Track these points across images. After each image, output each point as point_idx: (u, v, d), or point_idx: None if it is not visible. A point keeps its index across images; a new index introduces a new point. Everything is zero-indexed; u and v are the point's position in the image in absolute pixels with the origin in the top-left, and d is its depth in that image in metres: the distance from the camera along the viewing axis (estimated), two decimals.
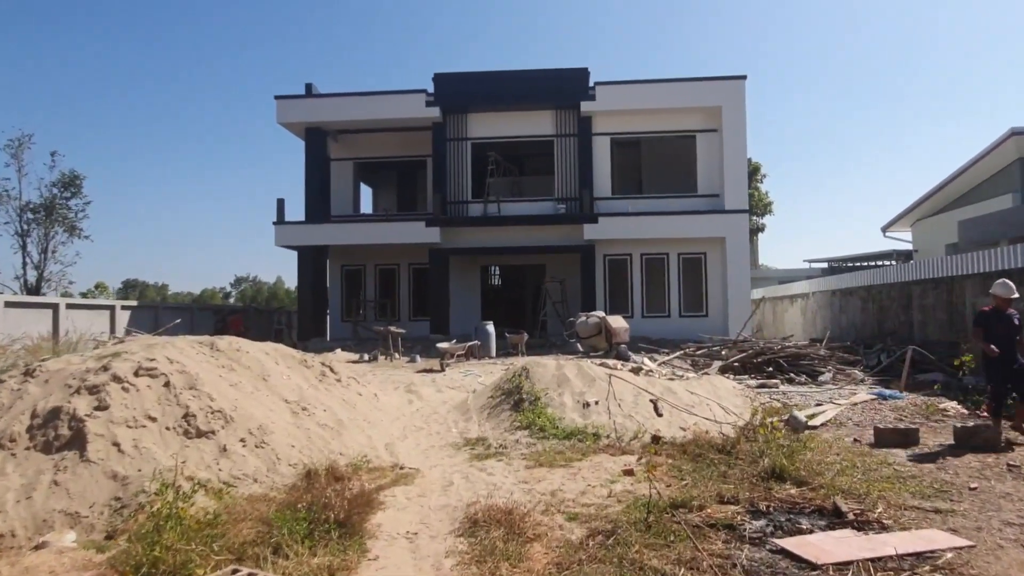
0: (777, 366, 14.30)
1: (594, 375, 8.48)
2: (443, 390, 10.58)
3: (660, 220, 22.62)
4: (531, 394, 8.14)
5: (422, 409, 8.94)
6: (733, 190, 22.58)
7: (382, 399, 8.54)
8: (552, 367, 8.75)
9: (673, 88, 23.06)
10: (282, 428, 6.31)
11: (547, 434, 7.23)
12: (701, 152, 23.48)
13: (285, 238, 23.35)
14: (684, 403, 8.29)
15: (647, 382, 8.79)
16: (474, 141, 24.00)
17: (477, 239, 23.39)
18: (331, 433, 6.69)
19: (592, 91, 23.17)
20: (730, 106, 22.69)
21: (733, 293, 22.26)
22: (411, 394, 9.77)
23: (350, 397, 7.86)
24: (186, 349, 7.01)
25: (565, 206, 23.43)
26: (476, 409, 8.51)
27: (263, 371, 7.30)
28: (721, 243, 22.76)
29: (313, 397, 7.32)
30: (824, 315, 21.59)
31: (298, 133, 24.40)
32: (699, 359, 16.17)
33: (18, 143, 26.75)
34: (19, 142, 26.78)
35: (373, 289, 25.28)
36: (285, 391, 7.15)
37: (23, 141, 26.83)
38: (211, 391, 6.24)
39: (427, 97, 23.49)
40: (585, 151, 23.43)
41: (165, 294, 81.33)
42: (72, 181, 27.37)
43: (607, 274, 23.37)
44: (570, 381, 8.33)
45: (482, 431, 7.74)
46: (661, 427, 7.53)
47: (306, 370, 7.90)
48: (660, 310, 23.15)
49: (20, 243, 26.99)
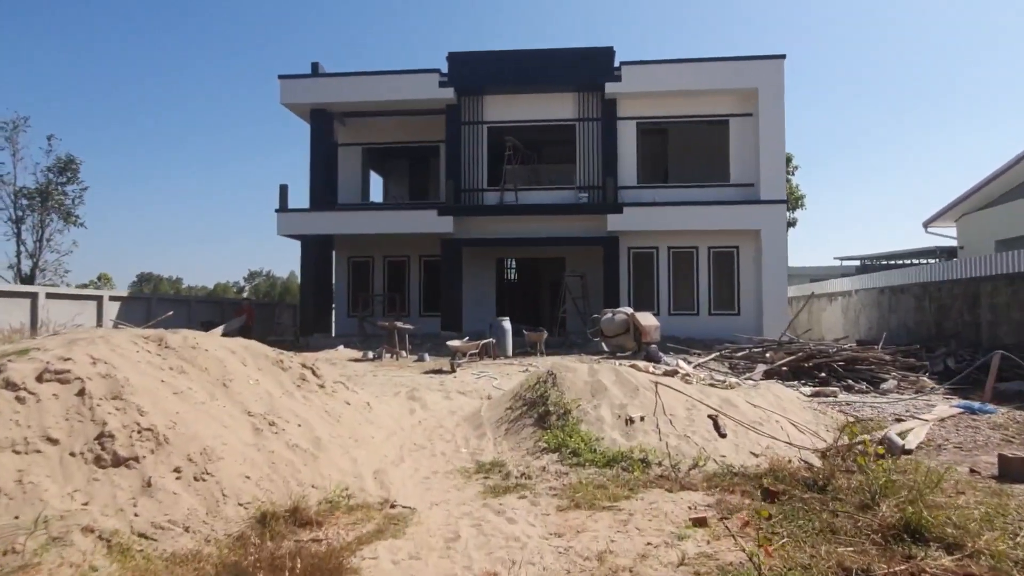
0: (831, 371, 12.63)
1: (636, 383, 6.89)
2: (452, 396, 9.03)
3: (689, 211, 20.97)
4: (559, 406, 6.56)
5: (426, 421, 7.38)
6: (770, 179, 20.86)
7: (376, 409, 6.99)
8: (584, 372, 7.17)
9: (705, 68, 21.35)
10: (237, 452, 4.78)
11: (582, 459, 5.65)
12: (735, 138, 21.78)
13: (288, 227, 21.91)
14: (748, 419, 6.68)
15: (699, 392, 7.19)
16: (490, 125, 22.44)
17: (493, 230, 21.83)
18: (304, 457, 5.16)
19: (618, 71, 21.54)
20: (768, 88, 20.97)
21: (768, 290, 20.56)
22: (413, 401, 8.21)
23: (335, 407, 6.33)
24: (123, 346, 5.50)
25: (587, 195, 21.82)
26: (491, 423, 6.94)
27: (223, 375, 5.78)
28: (755, 236, 21.07)
29: (286, 408, 5.80)
30: (870, 315, 19.84)
31: (303, 115, 22.95)
32: (739, 362, 14.52)
33: (13, 126, 25.55)
34: (14, 124, 25.57)
35: (381, 282, 23.79)
36: (250, 400, 5.63)
37: (18, 124, 25.62)
38: (143, 402, 4.73)
39: (441, 77, 21.96)
40: (609, 136, 21.80)
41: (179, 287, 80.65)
42: (68, 165, 26.12)
43: (631, 268, 21.74)
44: (607, 390, 6.74)
45: (499, 452, 6.17)
46: (726, 451, 5.94)
47: (281, 373, 6.37)
48: (688, 308, 21.49)
49: (14, 230, 25.79)
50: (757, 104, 21.12)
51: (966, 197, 25.12)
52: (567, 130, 22.33)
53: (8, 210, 25.62)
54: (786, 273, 20.97)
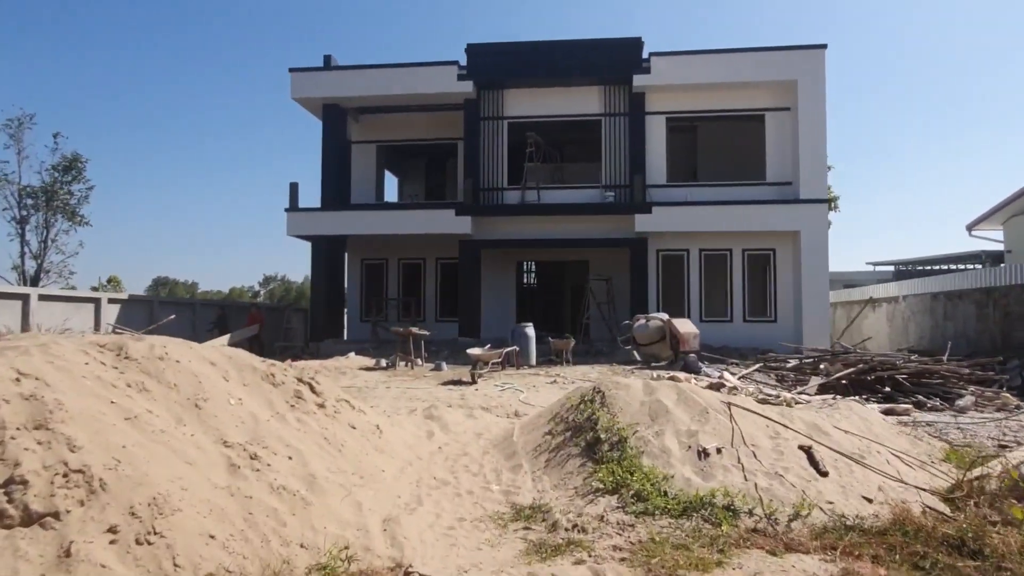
0: (895, 385, 11.29)
1: (704, 403, 5.63)
2: (476, 414, 7.81)
3: (722, 211, 19.69)
4: (612, 432, 5.32)
5: (447, 447, 6.16)
6: (810, 177, 19.53)
7: (388, 433, 5.78)
8: (639, 390, 5.92)
9: (740, 59, 20.07)
10: (201, 500, 3.59)
11: (649, 505, 4.40)
12: (771, 133, 20.47)
13: (298, 227, 20.84)
14: (845, 449, 5.41)
15: (779, 414, 5.92)
16: (511, 120, 21.28)
17: (513, 230, 20.65)
18: (292, 504, 3.96)
19: (646, 63, 20.33)
20: (808, 80, 19.65)
21: (809, 296, 19.20)
22: (432, 421, 6.99)
23: (336, 433, 5.12)
24: (67, 357, 4.34)
25: (614, 194, 20.58)
26: (527, 451, 5.72)
27: (196, 393, 4.60)
28: (794, 238, 19.74)
29: (274, 435, 4.60)
30: (920, 322, 18.41)
31: (315, 111, 21.91)
32: (787, 374, 13.19)
33: (18, 123, 24.74)
34: (19, 122, 24.76)
35: (396, 286, 22.67)
36: (228, 426, 4.44)
37: (23, 121, 24.81)
38: (78, 433, 3.56)
39: (459, 70, 20.84)
40: (637, 132, 20.57)
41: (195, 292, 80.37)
42: (73, 164, 25.24)
43: (660, 272, 20.46)
44: (670, 412, 5.50)
45: (540, 492, 4.94)
46: (831, 494, 4.67)
47: (271, 390, 5.17)
48: (721, 314, 20.17)
49: (18, 230, 24.95)
50: (796, 97, 19.81)
51: (1014, 199, 23.60)
52: (592, 125, 21.13)
53: (12, 209, 24.81)
54: (827, 278, 19.61)
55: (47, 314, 14.86)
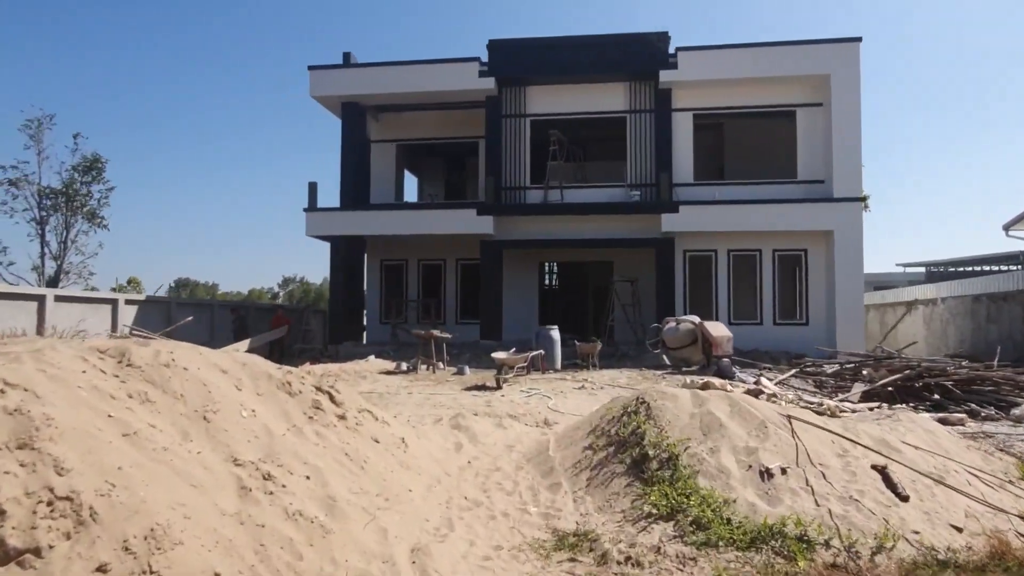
0: (944, 392, 10.65)
1: (761, 416, 5.11)
2: (505, 423, 7.32)
3: (752, 210, 19.06)
4: (661, 448, 4.81)
5: (477, 461, 5.68)
6: (844, 175, 18.84)
7: (414, 446, 5.31)
8: (687, 401, 5.40)
9: (770, 54, 19.44)
10: (207, 529, 3.15)
11: (712, 535, 3.89)
12: (803, 130, 19.81)
13: (317, 227, 20.51)
14: (921, 468, 4.86)
15: (841, 426, 5.38)
16: (533, 118, 20.81)
17: (536, 230, 20.17)
18: (310, 532, 3.51)
19: (673, 58, 19.75)
20: (842, 74, 18.97)
21: (842, 298, 18.52)
22: (459, 431, 6.52)
23: (358, 447, 4.66)
24: (62, 364, 3.92)
25: (639, 193, 20.04)
26: (566, 467, 5.22)
27: (206, 404, 4.17)
28: (827, 238, 19.08)
29: (291, 451, 4.15)
30: (961, 325, 17.66)
31: (334, 109, 21.57)
32: (827, 379, 12.57)
33: (38, 124, 24.65)
34: (39, 123, 24.67)
35: (416, 287, 22.27)
36: (239, 442, 4.00)
37: (43, 122, 24.72)
38: (68, 452, 3.13)
39: (480, 67, 20.40)
40: (663, 129, 20.00)
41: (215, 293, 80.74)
42: (93, 164, 25.12)
43: (687, 273, 19.86)
44: (724, 427, 4.98)
45: (583, 516, 4.45)
46: (915, 521, 4.13)
47: (287, 400, 4.73)
48: (751, 317, 19.53)
49: (38, 231, 24.86)
50: (829, 92, 19.14)
51: None
52: (617, 123, 20.59)
53: (32, 210, 24.71)
54: (862, 279, 18.92)
55: (64, 315, 14.61)
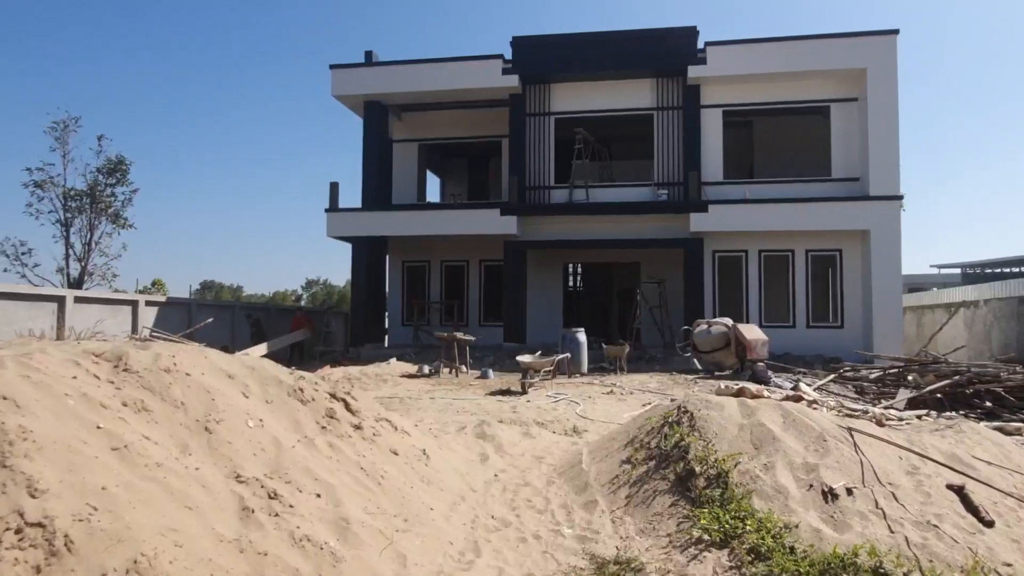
0: (996, 400, 10.04)
1: (818, 428, 4.62)
2: (533, 431, 6.89)
3: (784, 209, 18.44)
4: (708, 463, 4.35)
5: (504, 475, 5.26)
6: (881, 172, 18.14)
7: (436, 458, 4.91)
8: (735, 410, 4.93)
9: (803, 47, 18.80)
10: (200, 559, 2.76)
11: (774, 566, 3.42)
12: (837, 126, 19.15)
13: (338, 228, 20.25)
14: (999, 487, 4.35)
15: (906, 439, 4.88)
16: (558, 116, 20.37)
17: (560, 231, 19.73)
18: (319, 561, 3.11)
19: (702, 54, 19.20)
20: (878, 68, 18.28)
21: (880, 300, 17.82)
22: (484, 441, 6.10)
23: (375, 461, 4.26)
24: (51, 369, 3.57)
25: (667, 192, 19.50)
26: (602, 484, 4.77)
27: (208, 413, 3.80)
28: (862, 238, 18.40)
29: (300, 466, 3.77)
30: (1006, 328, 16.89)
31: (355, 108, 21.33)
32: (869, 385, 11.97)
33: (63, 126, 24.68)
34: (64, 125, 24.71)
35: (438, 289, 21.93)
36: (244, 455, 3.62)
37: (68, 124, 24.76)
38: (45, 470, 2.77)
39: (504, 64, 20.02)
40: (692, 126, 19.45)
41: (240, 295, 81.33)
42: (117, 166, 25.11)
43: (717, 274, 19.28)
44: (778, 440, 4.50)
45: (623, 540, 4.01)
46: (1005, 551, 3.63)
47: (298, 408, 4.35)
48: (783, 319, 18.88)
49: (63, 233, 24.91)
50: (865, 87, 18.46)
51: None
52: (644, 120, 20.08)
53: (57, 212, 24.77)
54: (900, 280, 18.20)
55: (83, 317, 14.46)
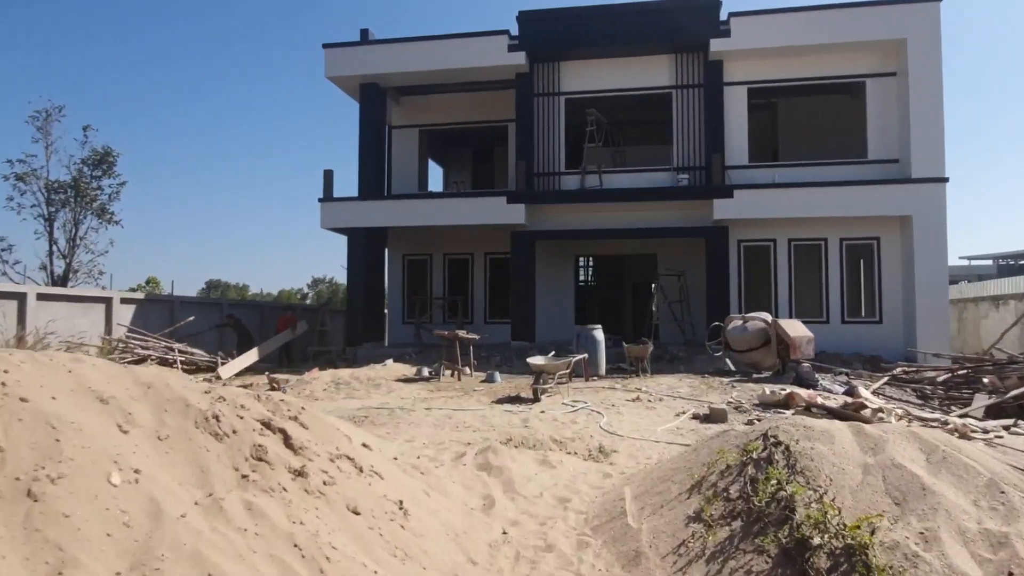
0: None
1: (985, 469, 3.12)
2: (552, 458, 5.39)
3: (816, 193, 16.89)
4: (828, 529, 2.86)
5: (517, 530, 3.77)
6: (924, 152, 16.57)
7: (418, 512, 3.42)
8: (849, 443, 3.43)
9: (836, 17, 17.21)
10: None
11: None
12: (873, 103, 17.57)
13: (332, 218, 18.82)
14: None
15: None
16: (568, 96, 18.87)
17: (571, 220, 18.25)
18: None
19: (725, 26, 17.66)
20: (920, 39, 16.70)
21: (924, 293, 16.25)
22: (489, 475, 4.61)
23: (319, 530, 2.78)
24: None
25: (687, 177, 17.97)
26: (661, 554, 3.29)
27: (42, 464, 2.32)
28: (903, 224, 16.86)
29: (185, 552, 2.29)
30: None
31: (351, 90, 19.87)
32: (935, 389, 10.42)
33: (46, 115, 23.40)
34: (47, 114, 23.42)
35: (441, 284, 20.48)
36: (88, 538, 2.15)
37: (51, 113, 23.46)
38: None
39: (510, 41, 18.53)
40: (714, 105, 17.91)
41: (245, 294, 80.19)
42: (104, 158, 23.80)
43: (742, 265, 17.76)
44: (930, 492, 3.00)
45: None
46: None
47: (209, 446, 2.87)
48: (815, 314, 17.32)
49: (46, 228, 23.61)
50: (904, 60, 16.88)
51: None
52: (662, 99, 18.56)
53: (40, 206, 23.47)
54: (947, 270, 16.64)
55: (48, 316, 13.08)
